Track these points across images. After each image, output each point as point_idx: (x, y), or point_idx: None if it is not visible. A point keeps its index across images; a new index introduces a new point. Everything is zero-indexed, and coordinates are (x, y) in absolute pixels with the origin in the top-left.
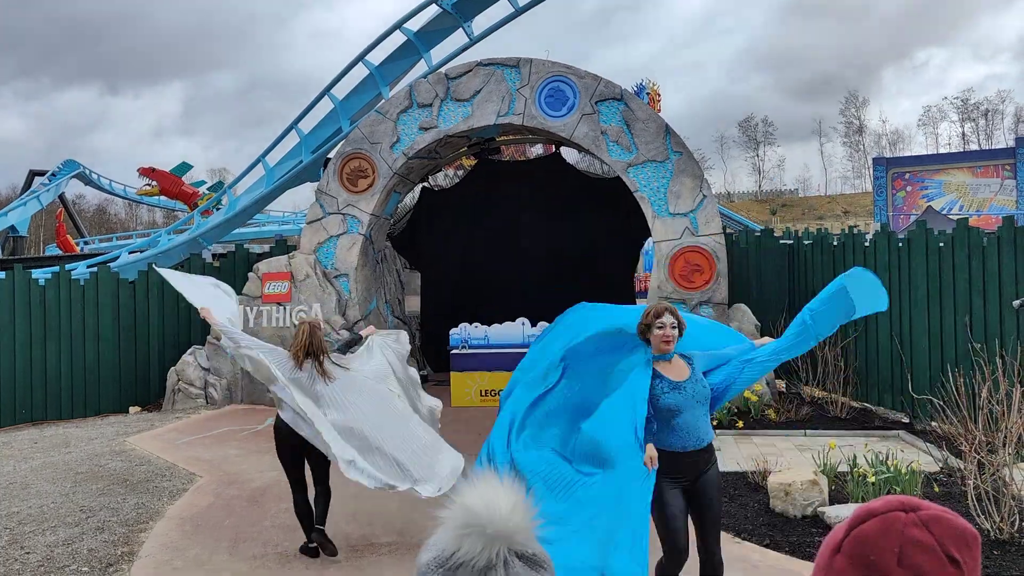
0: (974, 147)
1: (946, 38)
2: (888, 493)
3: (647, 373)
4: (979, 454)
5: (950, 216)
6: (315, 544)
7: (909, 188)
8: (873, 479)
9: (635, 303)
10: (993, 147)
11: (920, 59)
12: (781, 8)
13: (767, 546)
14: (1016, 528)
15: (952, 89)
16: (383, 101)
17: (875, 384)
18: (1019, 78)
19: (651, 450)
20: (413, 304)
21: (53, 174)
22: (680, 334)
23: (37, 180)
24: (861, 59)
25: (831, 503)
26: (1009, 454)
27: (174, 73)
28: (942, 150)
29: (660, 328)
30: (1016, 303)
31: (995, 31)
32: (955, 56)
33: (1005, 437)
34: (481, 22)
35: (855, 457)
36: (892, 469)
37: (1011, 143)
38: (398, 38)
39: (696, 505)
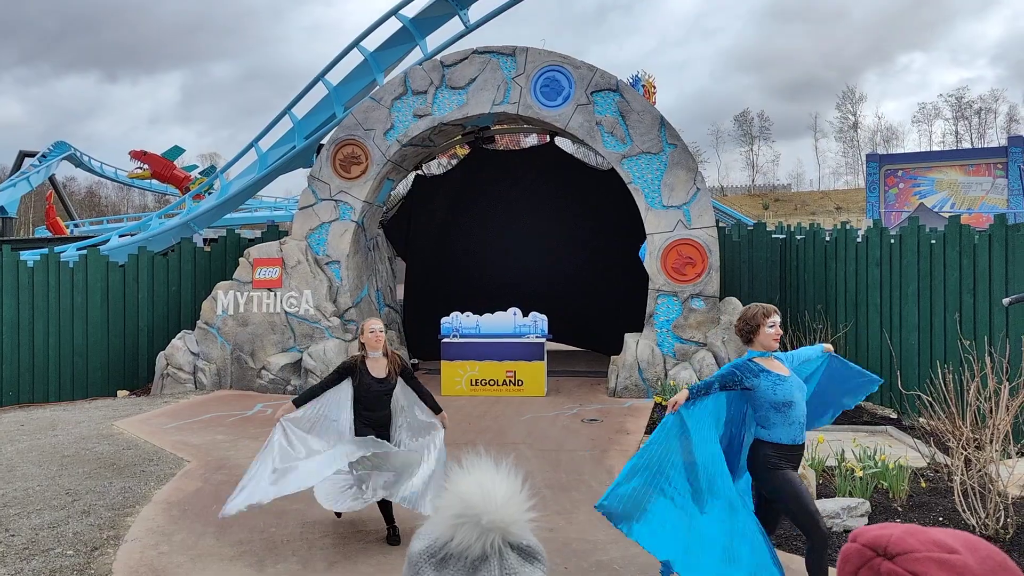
0: (967, 145)
1: (927, 43)
2: (875, 488)
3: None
4: (966, 450)
5: (942, 214)
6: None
7: (902, 185)
8: (861, 474)
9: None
10: (986, 146)
11: (901, 63)
12: (760, 11)
13: None
14: (1001, 524)
15: (933, 93)
16: (377, 88)
17: None
18: (996, 82)
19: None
20: (398, 293)
21: (43, 155)
22: None
23: (27, 161)
24: (842, 62)
25: (819, 497)
26: (996, 450)
27: (172, 63)
28: (935, 148)
29: (772, 327)
30: (1006, 301)
31: (973, 37)
32: (934, 60)
33: (992, 434)
34: (477, 11)
35: (843, 452)
36: (880, 464)
37: (1003, 142)
38: (394, 25)
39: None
